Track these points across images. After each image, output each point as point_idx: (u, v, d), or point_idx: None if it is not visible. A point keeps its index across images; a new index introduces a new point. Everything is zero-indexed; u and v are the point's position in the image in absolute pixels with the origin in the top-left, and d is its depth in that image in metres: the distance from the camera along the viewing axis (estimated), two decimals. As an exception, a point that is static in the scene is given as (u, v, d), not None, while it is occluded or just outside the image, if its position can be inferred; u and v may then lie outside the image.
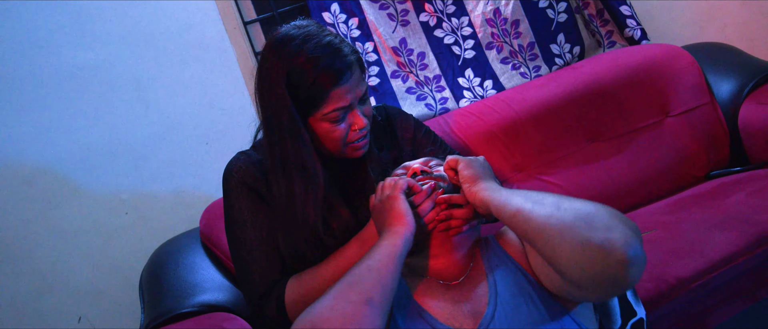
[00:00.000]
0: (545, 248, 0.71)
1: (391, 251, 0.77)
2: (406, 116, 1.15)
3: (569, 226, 0.68)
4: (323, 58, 0.90)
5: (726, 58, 1.63)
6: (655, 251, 1.19)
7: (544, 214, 0.71)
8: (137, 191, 1.58)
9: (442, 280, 0.86)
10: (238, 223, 0.97)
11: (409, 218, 0.82)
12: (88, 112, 1.54)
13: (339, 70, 0.90)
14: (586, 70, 1.62)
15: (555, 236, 0.69)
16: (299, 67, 0.90)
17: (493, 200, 0.80)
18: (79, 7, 1.52)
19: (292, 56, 0.90)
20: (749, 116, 1.50)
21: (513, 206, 0.76)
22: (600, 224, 0.67)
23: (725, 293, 1.16)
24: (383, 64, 1.70)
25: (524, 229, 0.74)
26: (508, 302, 0.79)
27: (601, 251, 0.65)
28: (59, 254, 1.54)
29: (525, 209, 0.74)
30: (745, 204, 1.25)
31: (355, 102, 0.94)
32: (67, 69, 1.52)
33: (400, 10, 1.70)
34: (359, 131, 0.96)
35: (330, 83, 0.90)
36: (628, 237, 0.66)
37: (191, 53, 1.60)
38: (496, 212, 0.79)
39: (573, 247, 0.67)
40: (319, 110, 0.92)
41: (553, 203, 0.73)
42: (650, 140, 1.56)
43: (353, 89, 0.93)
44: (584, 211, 0.70)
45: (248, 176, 0.98)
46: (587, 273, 0.67)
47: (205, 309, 1.13)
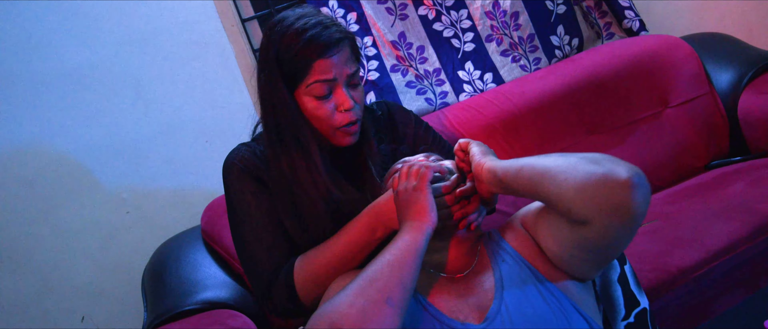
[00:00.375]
0: (552, 187, 0.73)
1: (411, 246, 0.77)
2: (406, 112, 1.14)
3: (573, 164, 0.72)
4: (310, 30, 0.91)
5: (724, 48, 1.64)
6: (657, 241, 1.19)
7: (549, 160, 0.75)
8: (138, 190, 1.58)
9: (446, 273, 0.86)
10: (241, 210, 0.96)
11: (433, 215, 0.81)
12: (88, 112, 1.54)
13: (324, 43, 0.91)
14: (585, 62, 1.62)
15: (560, 174, 0.72)
16: (286, 42, 0.91)
17: (499, 165, 0.81)
18: (77, 6, 1.51)
19: (282, 33, 0.92)
20: (749, 106, 1.50)
21: (519, 162, 0.79)
22: (604, 160, 0.70)
23: (727, 282, 1.17)
24: (382, 59, 1.69)
25: (530, 176, 0.76)
26: (513, 295, 0.79)
27: (605, 177, 0.68)
28: (61, 254, 1.54)
29: (530, 161, 0.77)
30: (745, 194, 1.26)
31: (339, 78, 0.93)
32: (66, 69, 1.52)
33: (398, 4, 1.70)
34: (346, 113, 0.94)
35: (314, 53, 0.90)
36: (631, 167, 0.68)
37: (190, 51, 1.60)
38: (503, 175, 0.80)
39: (578, 180, 0.70)
40: (304, 80, 0.92)
41: (557, 154, 0.77)
42: (650, 131, 1.57)
43: (339, 65, 0.92)
44: (589, 154, 0.74)
45: (250, 165, 0.97)
46: (593, 203, 0.69)
47: (208, 306, 1.14)
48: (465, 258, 0.87)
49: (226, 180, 0.99)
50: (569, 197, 0.71)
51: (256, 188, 0.96)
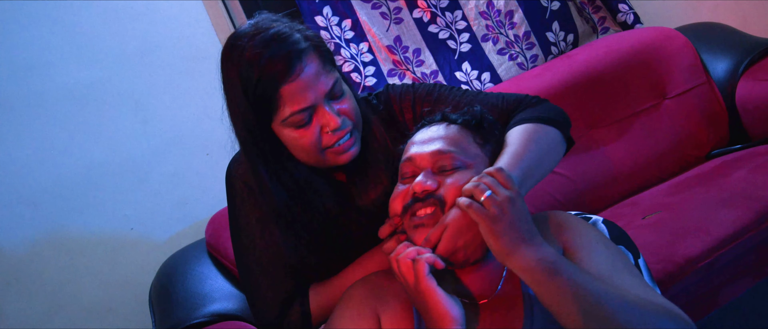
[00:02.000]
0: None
1: None
2: (404, 92, 0.96)
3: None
4: (267, 50, 0.76)
5: (720, 37, 1.64)
6: (661, 233, 1.19)
7: (602, 315, 0.59)
8: (141, 206, 1.59)
9: (469, 300, 0.74)
10: (244, 232, 0.90)
11: (454, 312, 0.67)
12: (88, 130, 1.54)
13: (283, 63, 0.75)
14: (581, 57, 1.62)
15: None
16: (245, 70, 0.77)
17: (542, 293, 0.63)
18: (73, 26, 1.52)
19: (241, 55, 0.78)
20: (747, 93, 1.50)
21: (570, 316, 0.61)
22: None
23: (733, 271, 1.17)
24: (379, 64, 1.70)
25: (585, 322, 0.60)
26: (544, 320, 0.69)
27: None
28: (68, 273, 1.54)
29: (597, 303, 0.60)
30: (747, 181, 1.26)
31: (318, 100, 0.78)
32: (64, 89, 1.52)
33: (393, 8, 1.71)
34: (334, 132, 0.80)
35: (277, 77, 0.76)
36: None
37: (186, 65, 1.61)
38: (545, 305, 0.64)
39: None
40: (277, 114, 0.78)
41: (632, 321, 0.59)
42: (649, 124, 1.57)
43: (312, 84, 0.77)
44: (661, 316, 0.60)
45: (250, 177, 0.90)
46: None
47: (216, 318, 1.14)
48: (487, 281, 0.75)
49: (229, 197, 0.94)
50: None
51: (261, 213, 0.88)
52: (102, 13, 1.54)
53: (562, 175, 1.51)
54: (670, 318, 0.61)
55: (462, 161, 0.77)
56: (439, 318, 0.67)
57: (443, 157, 0.77)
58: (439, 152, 0.77)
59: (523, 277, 0.65)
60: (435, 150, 0.78)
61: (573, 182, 1.50)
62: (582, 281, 0.62)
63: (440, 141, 0.78)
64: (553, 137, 0.86)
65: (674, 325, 0.60)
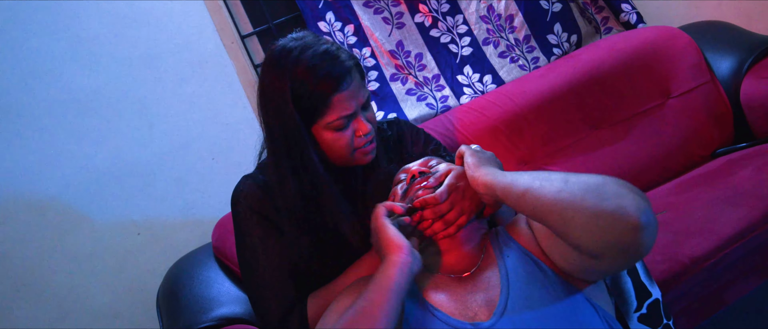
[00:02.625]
0: (558, 223, 0.71)
1: (385, 286, 0.76)
2: (416, 130, 1.16)
3: (580, 198, 0.69)
4: (322, 65, 0.92)
5: (723, 36, 1.63)
6: (667, 232, 1.19)
7: (554, 190, 0.71)
8: (148, 211, 1.60)
9: (452, 274, 0.86)
10: (249, 249, 0.98)
11: (400, 242, 0.81)
12: (94, 136, 1.56)
13: (338, 76, 0.92)
14: (585, 58, 1.62)
15: (566, 210, 0.69)
16: (299, 78, 0.92)
17: (498, 183, 0.79)
18: (78, 33, 1.54)
19: (292, 67, 0.92)
20: (751, 91, 1.50)
21: (520, 186, 0.75)
22: (610, 193, 0.68)
23: (739, 269, 1.16)
24: (381, 68, 1.71)
25: (534, 207, 0.74)
26: (520, 288, 0.79)
27: (613, 218, 0.66)
28: (76, 279, 1.55)
29: (533, 188, 0.74)
30: (753, 179, 1.25)
31: (358, 109, 0.96)
32: (70, 96, 1.54)
33: (394, 13, 1.72)
34: (365, 137, 0.97)
35: (330, 89, 0.92)
36: (639, 203, 0.66)
37: (191, 71, 1.62)
38: (502, 195, 0.78)
39: (585, 218, 0.68)
40: (323, 118, 0.94)
41: (561, 179, 0.73)
42: (654, 123, 1.57)
43: (355, 95, 0.94)
44: (593, 182, 0.70)
45: (255, 201, 0.98)
46: (602, 241, 0.68)
47: (223, 322, 1.14)
48: (471, 257, 0.87)
49: (234, 218, 1.02)
50: (576, 235, 0.70)
51: (263, 230, 0.98)
52: (107, 20, 1.55)
53: (567, 176, 1.51)
54: (621, 182, 0.71)
55: (447, 164, 0.96)
56: (388, 246, 0.82)
57: (429, 160, 0.99)
58: (427, 158, 1.00)
59: (484, 180, 0.82)
60: (424, 159, 0.99)
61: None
62: (527, 174, 0.78)
63: (426, 157, 1.01)
64: None
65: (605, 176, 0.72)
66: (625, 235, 0.66)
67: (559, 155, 1.54)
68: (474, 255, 0.88)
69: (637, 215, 0.65)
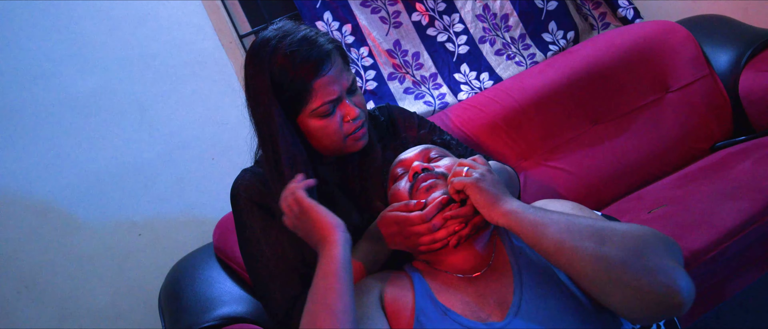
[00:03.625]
0: (590, 287, 0.67)
1: (330, 269, 0.73)
2: (409, 114, 1.13)
3: (619, 271, 0.64)
4: (300, 51, 0.89)
5: (721, 29, 1.64)
6: (667, 226, 1.19)
7: (589, 253, 0.66)
8: (148, 212, 1.60)
9: (463, 274, 0.83)
10: (251, 242, 0.97)
11: (333, 220, 0.78)
12: (94, 138, 1.56)
13: (317, 60, 0.89)
14: (583, 53, 1.62)
15: (602, 280, 0.65)
16: (278, 67, 0.89)
17: (523, 228, 0.73)
18: (76, 34, 1.54)
19: (270, 58, 0.90)
20: (750, 85, 1.50)
21: (549, 239, 0.70)
22: (652, 266, 0.64)
23: (740, 262, 1.16)
24: (379, 68, 1.71)
25: (560, 264, 0.70)
26: (533, 288, 0.77)
27: (657, 297, 0.63)
28: (78, 280, 1.56)
29: (565, 244, 0.68)
30: (752, 172, 1.25)
31: (343, 94, 0.93)
32: (69, 97, 1.54)
33: (391, 12, 1.72)
34: (353, 122, 0.94)
35: (311, 74, 0.89)
36: (682, 278, 0.63)
37: (190, 71, 1.62)
38: (527, 239, 0.73)
39: (625, 294, 0.64)
40: (307, 105, 0.91)
41: (596, 234, 0.67)
42: (653, 117, 1.57)
43: (338, 79, 0.91)
44: (632, 249, 0.65)
45: (254, 193, 0.97)
46: (642, 314, 0.65)
47: (226, 321, 1.15)
48: (480, 257, 0.84)
49: (234, 211, 1.00)
50: (614, 304, 0.65)
51: (264, 221, 0.96)
52: (105, 21, 1.56)
53: (567, 171, 1.51)
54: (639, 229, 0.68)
55: (444, 153, 0.95)
56: (323, 227, 0.78)
57: (428, 151, 0.95)
58: (425, 148, 0.95)
59: (503, 222, 0.76)
60: (421, 149, 0.95)
61: (577, 178, 1.50)
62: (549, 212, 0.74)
63: (423, 145, 0.97)
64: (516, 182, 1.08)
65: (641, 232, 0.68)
66: (667, 310, 0.63)
67: (558, 151, 1.54)
68: (484, 254, 0.85)
69: (682, 296, 0.62)
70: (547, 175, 1.51)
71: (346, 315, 0.70)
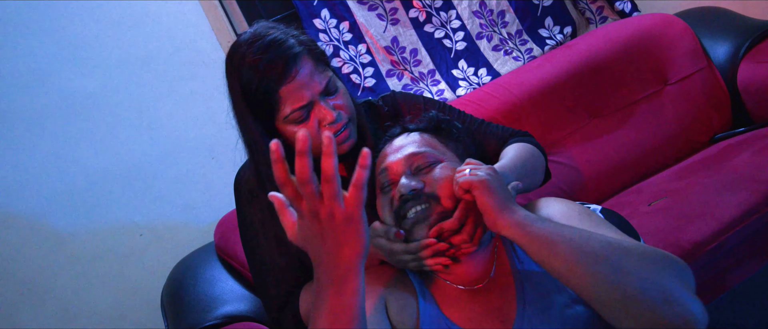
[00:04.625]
0: (606, 314, 0.64)
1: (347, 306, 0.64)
2: (413, 98, 1.07)
3: (637, 299, 0.61)
4: (265, 57, 0.84)
5: (719, 21, 1.64)
6: (667, 218, 1.19)
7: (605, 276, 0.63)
8: (149, 212, 1.60)
9: (465, 286, 0.80)
10: (250, 234, 0.97)
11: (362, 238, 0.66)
12: (93, 139, 1.56)
13: (283, 66, 0.84)
14: (581, 47, 1.62)
15: (617, 306, 0.63)
16: (245, 75, 0.85)
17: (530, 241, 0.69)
18: (75, 36, 1.54)
19: (238, 65, 0.86)
20: (748, 76, 1.50)
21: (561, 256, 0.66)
22: (668, 296, 0.61)
23: (740, 253, 1.17)
24: (377, 65, 1.71)
25: (571, 283, 0.66)
26: (536, 302, 0.74)
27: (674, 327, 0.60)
28: (80, 282, 1.56)
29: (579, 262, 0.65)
30: (751, 163, 1.26)
31: (314, 98, 0.86)
32: (69, 99, 1.54)
33: (389, 9, 1.72)
34: (331, 125, 0.88)
35: (276, 80, 0.84)
36: (698, 309, 0.61)
37: (189, 71, 1.62)
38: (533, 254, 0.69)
39: (641, 322, 0.62)
40: (278, 113, 0.87)
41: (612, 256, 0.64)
42: (652, 110, 1.57)
43: (308, 83, 0.85)
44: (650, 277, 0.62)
45: (254, 186, 0.97)
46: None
47: (228, 320, 1.15)
48: (481, 267, 0.81)
49: (236, 205, 1.01)
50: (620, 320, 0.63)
51: (263, 214, 0.96)
52: (102, 22, 1.55)
53: (567, 165, 1.51)
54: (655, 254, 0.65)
55: (434, 157, 0.84)
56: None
57: (416, 157, 0.83)
58: (412, 154, 0.84)
59: (510, 233, 0.70)
60: (408, 154, 0.84)
61: (577, 172, 1.51)
62: (560, 227, 0.69)
63: (409, 146, 0.86)
64: (542, 160, 1.01)
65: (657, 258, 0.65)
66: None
67: (558, 145, 1.54)
68: (485, 264, 0.81)
69: (700, 327, 0.60)
70: (546, 169, 1.51)
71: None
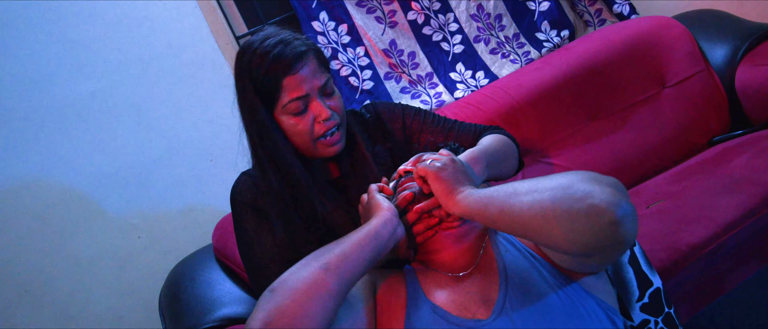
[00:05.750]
0: (538, 237, 0.71)
1: (364, 231, 0.80)
2: (392, 107, 1.16)
3: (551, 208, 0.68)
4: (273, 49, 0.95)
5: (717, 24, 1.64)
6: (665, 220, 1.19)
7: (525, 206, 0.71)
8: (147, 214, 1.60)
9: (452, 273, 0.85)
10: (245, 243, 1.01)
11: (385, 203, 0.85)
12: (92, 141, 1.56)
13: (289, 58, 0.94)
14: (579, 50, 1.63)
15: (542, 224, 0.69)
16: (255, 65, 0.95)
17: (472, 211, 0.78)
18: (72, 38, 1.54)
19: (250, 57, 0.96)
20: (746, 79, 1.51)
21: (493, 209, 0.75)
22: (579, 194, 0.67)
23: (738, 255, 1.17)
24: (375, 67, 1.71)
25: (512, 227, 0.74)
26: (518, 285, 0.79)
27: (588, 219, 0.65)
28: (78, 284, 1.56)
29: (505, 209, 0.73)
30: (749, 166, 1.26)
31: (312, 92, 0.96)
32: (67, 101, 1.54)
33: (387, 12, 1.72)
34: (325, 122, 0.97)
35: (281, 71, 0.94)
36: (610, 196, 0.65)
37: (187, 72, 1.62)
38: (480, 220, 0.78)
39: (562, 226, 0.67)
40: (278, 101, 0.96)
41: (530, 190, 0.72)
42: (650, 113, 1.57)
43: (309, 79, 0.96)
44: (560, 186, 0.69)
45: (249, 196, 1.01)
46: (583, 243, 0.67)
47: (226, 322, 1.15)
48: (468, 255, 0.86)
49: (233, 213, 1.05)
50: (560, 243, 0.69)
51: (256, 222, 1.00)
52: (101, 24, 1.55)
53: (565, 167, 1.52)
54: (566, 175, 0.71)
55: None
56: (375, 208, 0.86)
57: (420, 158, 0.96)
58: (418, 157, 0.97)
59: (458, 210, 0.80)
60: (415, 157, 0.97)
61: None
62: (495, 189, 0.77)
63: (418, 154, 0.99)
64: (514, 149, 1.10)
65: (572, 173, 0.71)
66: (605, 232, 0.65)
67: (556, 147, 1.55)
68: (471, 253, 0.87)
69: (611, 210, 0.64)
70: (544, 171, 1.52)
71: (355, 267, 0.76)
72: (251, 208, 1.01)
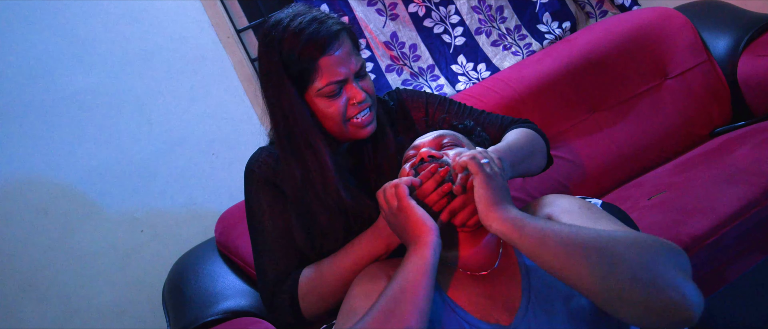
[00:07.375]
0: (601, 304, 0.66)
1: (421, 267, 0.74)
2: (416, 95, 1.11)
3: (627, 287, 0.62)
4: (307, 29, 0.90)
5: (719, 15, 1.63)
6: (667, 212, 1.19)
7: (595, 272, 0.64)
8: (150, 208, 1.60)
9: (470, 271, 0.82)
10: (256, 215, 0.98)
11: (430, 223, 0.78)
12: (94, 135, 1.56)
13: (324, 38, 0.90)
14: (581, 41, 1.62)
15: (614, 298, 0.64)
16: (287, 44, 0.91)
17: (522, 242, 0.70)
18: (74, 32, 1.54)
19: (280, 37, 0.91)
20: (748, 70, 1.50)
21: (552, 254, 0.67)
22: (661, 281, 0.62)
23: (740, 247, 1.17)
24: (377, 60, 1.71)
25: (571, 283, 0.67)
26: (541, 292, 0.76)
27: (667, 312, 0.61)
28: (81, 278, 1.56)
29: (570, 264, 0.66)
30: (751, 157, 1.26)
31: (349, 76, 0.93)
32: (69, 95, 1.54)
33: (388, 4, 1.71)
34: (358, 105, 0.94)
35: (317, 51, 0.90)
36: (695, 296, 0.61)
37: (189, 66, 1.62)
38: (529, 256, 0.71)
39: (635, 309, 0.62)
40: (313, 84, 0.92)
41: (601, 250, 0.65)
42: (652, 104, 1.57)
43: (345, 60, 0.92)
44: (641, 265, 0.63)
45: (268, 170, 0.98)
46: (651, 325, 0.63)
47: (229, 315, 1.15)
48: (486, 253, 0.83)
49: (246, 185, 1.01)
50: (622, 318, 0.64)
51: (272, 198, 0.97)
52: (102, 18, 1.55)
53: (567, 159, 1.52)
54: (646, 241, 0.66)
55: (459, 142, 0.92)
56: (418, 228, 0.78)
57: (442, 138, 0.92)
58: (440, 135, 0.93)
59: (499, 227, 0.73)
60: (436, 135, 0.93)
61: (577, 166, 1.51)
62: (550, 223, 0.71)
63: (439, 131, 0.95)
64: (542, 144, 1.05)
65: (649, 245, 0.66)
66: (678, 324, 0.61)
67: (558, 139, 1.55)
68: (491, 251, 0.83)
69: (691, 311, 0.60)
70: (547, 164, 1.51)
71: (424, 315, 0.71)
72: (268, 181, 0.97)
